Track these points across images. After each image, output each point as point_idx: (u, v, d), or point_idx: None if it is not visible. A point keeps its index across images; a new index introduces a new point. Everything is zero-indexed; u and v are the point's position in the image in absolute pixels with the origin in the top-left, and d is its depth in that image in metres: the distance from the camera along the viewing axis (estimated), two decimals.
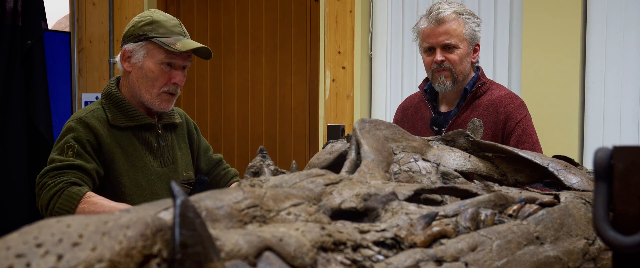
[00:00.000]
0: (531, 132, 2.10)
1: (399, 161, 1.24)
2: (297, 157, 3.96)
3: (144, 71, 1.93)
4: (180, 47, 1.91)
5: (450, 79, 2.12)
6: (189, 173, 2.09)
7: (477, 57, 2.18)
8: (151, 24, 1.93)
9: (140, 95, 1.95)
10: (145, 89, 1.94)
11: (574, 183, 1.25)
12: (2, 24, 3.82)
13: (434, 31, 2.11)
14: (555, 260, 0.93)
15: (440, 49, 2.11)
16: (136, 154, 1.92)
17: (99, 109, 1.93)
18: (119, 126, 1.91)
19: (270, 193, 0.84)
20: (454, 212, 0.93)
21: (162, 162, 1.99)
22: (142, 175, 1.92)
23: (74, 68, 4.46)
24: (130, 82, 1.96)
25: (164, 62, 1.93)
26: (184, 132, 2.11)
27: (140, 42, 1.93)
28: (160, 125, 2.01)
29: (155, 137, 1.98)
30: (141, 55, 1.93)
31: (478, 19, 2.18)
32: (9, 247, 0.55)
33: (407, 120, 2.27)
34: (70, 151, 1.82)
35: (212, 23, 4.22)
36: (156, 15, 1.96)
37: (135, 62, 1.94)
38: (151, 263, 0.58)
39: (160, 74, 1.93)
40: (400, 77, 3.54)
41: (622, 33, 2.88)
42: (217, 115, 4.24)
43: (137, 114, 1.95)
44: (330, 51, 3.68)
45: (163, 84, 1.94)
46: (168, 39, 1.92)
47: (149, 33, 1.92)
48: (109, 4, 4.32)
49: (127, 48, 1.95)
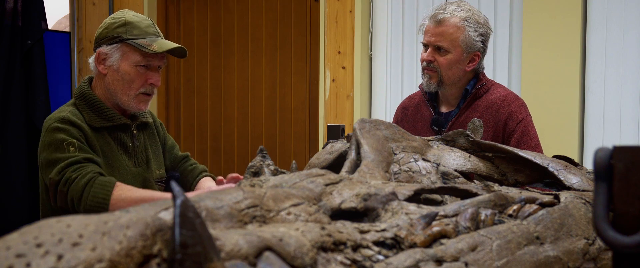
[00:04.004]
0: (532, 132, 2.09)
1: (399, 161, 1.24)
2: (297, 157, 3.96)
3: (120, 73, 1.92)
4: (157, 48, 1.90)
5: (435, 80, 2.11)
6: (161, 171, 2.09)
7: (473, 67, 2.12)
8: (125, 25, 1.91)
9: (116, 97, 1.94)
10: (121, 91, 1.93)
11: (574, 183, 1.25)
12: (2, 24, 3.82)
13: (430, 30, 2.10)
14: (555, 260, 0.93)
15: (432, 49, 2.10)
16: (112, 154, 1.92)
17: (74, 110, 1.92)
18: (95, 126, 1.91)
19: (270, 193, 0.84)
20: (454, 212, 0.93)
21: (136, 162, 1.99)
22: (118, 175, 1.91)
23: (74, 68, 4.46)
24: (106, 84, 1.95)
25: (139, 64, 1.92)
26: (153, 131, 2.12)
27: (115, 45, 1.91)
28: (134, 125, 2.01)
29: (130, 137, 1.99)
30: (116, 57, 1.92)
31: (484, 29, 2.11)
32: (9, 247, 0.55)
33: (408, 120, 2.26)
34: (71, 147, 1.81)
35: (212, 23, 4.22)
36: (128, 16, 1.95)
37: (110, 64, 1.92)
38: (151, 263, 0.58)
39: (136, 75, 1.92)
40: (400, 77, 3.54)
41: (622, 33, 2.88)
42: (217, 115, 4.24)
43: (112, 114, 1.94)
44: (330, 51, 3.68)
45: (140, 85, 1.93)
46: (143, 41, 1.91)
47: (124, 35, 1.91)
48: (109, 4, 4.32)
49: (101, 50, 1.93)
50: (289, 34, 4.00)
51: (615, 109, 2.91)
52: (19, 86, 3.86)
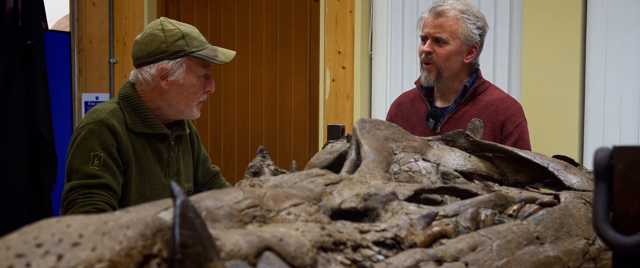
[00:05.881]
0: (526, 138, 2.14)
1: (399, 161, 1.24)
2: (297, 157, 3.96)
3: (186, 87, 1.89)
4: (224, 59, 1.89)
5: (434, 74, 2.14)
6: (190, 184, 2.07)
7: (471, 59, 2.16)
8: (184, 38, 1.87)
9: (177, 109, 1.92)
10: (185, 104, 1.91)
11: (574, 183, 1.25)
12: (2, 24, 3.82)
13: (429, 22, 2.14)
14: (555, 260, 0.93)
15: (431, 41, 2.13)
16: (146, 162, 1.89)
17: (117, 110, 1.88)
18: (136, 131, 1.88)
19: (270, 193, 0.84)
20: (454, 212, 0.93)
21: (167, 173, 1.96)
22: (147, 184, 1.89)
23: (74, 68, 4.46)
24: (167, 99, 1.90)
25: (202, 74, 1.91)
26: (187, 142, 2.09)
27: (179, 59, 1.87)
28: (173, 136, 1.97)
29: (166, 147, 1.95)
30: (181, 71, 1.87)
31: (481, 22, 2.17)
32: (9, 247, 0.55)
33: (402, 115, 2.28)
34: (96, 160, 1.79)
35: (212, 23, 4.22)
36: (181, 27, 1.89)
37: (174, 79, 1.87)
38: (151, 263, 0.58)
39: (200, 87, 1.92)
40: (400, 77, 3.54)
41: (622, 33, 2.88)
42: (217, 115, 4.24)
43: (154, 122, 1.90)
44: (330, 51, 3.68)
45: (201, 95, 1.93)
46: (206, 51, 1.88)
47: (186, 48, 1.87)
48: (109, 4, 4.32)
49: (164, 66, 1.86)
50: (289, 34, 4.00)
51: (615, 109, 2.91)
52: (19, 86, 3.86)
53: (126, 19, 4.27)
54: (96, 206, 1.75)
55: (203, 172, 2.17)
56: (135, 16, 4.23)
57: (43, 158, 3.89)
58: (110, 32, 4.34)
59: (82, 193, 1.77)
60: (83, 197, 1.76)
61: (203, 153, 2.18)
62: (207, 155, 2.21)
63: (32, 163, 3.88)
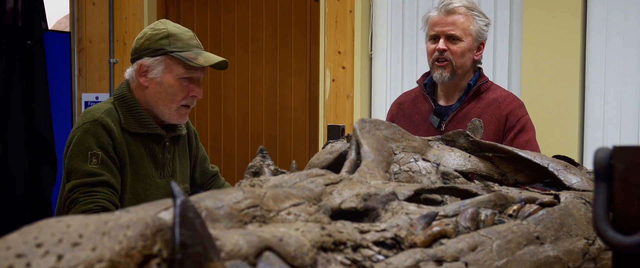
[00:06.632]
0: (529, 129, 2.15)
1: (399, 161, 1.24)
2: (297, 157, 3.96)
3: (163, 86, 1.88)
4: (203, 62, 1.86)
5: (449, 70, 2.15)
6: (186, 185, 2.06)
7: (479, 55, 2.20)
8: (168, 38, 1.87)
9: (157, 109, 1.91)
10: (163, 104, 1.90)
11: (574, 183, 1.25)
12: (2, 24, 3.82)
13: (441, 20, 2.15)
14: (555, 260, 0.93)
15: (444, 39, 2.14)
16: (141, 162, 1.89)
17: (112, 110, 1.88)
18: (130, 131, 1.88)
19: (270, 193, 0.84)
20: (454, 212, 0.93)
21: (162, 174, 1.96)
22: (141, 185, 1.89)
23: (74, 68, 4.46)
24: (147, 96, 1.91)
25: (183, 76, 1.88)
26: (185, 143, 2.08)
27: (158, 57, 1.87)
28: (168, 138, 1.97)
29: (161, 148, 1.95)
30: (159, 70, 1.87)
31: (487, 19, 2.21)
32: (9, 247, 0.55)
33: (404, 115, 2.28)
34: (94, 158, 1.79)
35: (212, 23, 4.22)
36: (170, 27, 1.90)
37: (152, 77, 1.88)
38: (151, 263, 0.58)
39: (179, 88, 1.89)
40: (400, 77, 3.54)
41: (622, 33, 2.88)
42: (217, 115, 4.24)
43: (149, 122, 1.91)
44: (330, 51, 3.68)
45: (182, 98, 1.90)
46: (188, 53, 1.87)
47: (167, 47, 1.86)
48: (109, 4, 4.32)
49: (143, 63, 1.88)
50: (289, 34, 4.00)
51: (615, 109, 2.91)
52: (19, 86, 3.86)
53: (126, 19, 4.27)
54: (99, 204, 1.75)
55: (201, 172, 2.16)
56: (135, 16, 4.23)
57: (43, 158, 3.89)
58: (110, 32, 4.34)
59: (84, 192, 1.77)
60: (85, 195, 1.76)
61: (202, 152, 2.17)
62: (206, 155, 2.20)
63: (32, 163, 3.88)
